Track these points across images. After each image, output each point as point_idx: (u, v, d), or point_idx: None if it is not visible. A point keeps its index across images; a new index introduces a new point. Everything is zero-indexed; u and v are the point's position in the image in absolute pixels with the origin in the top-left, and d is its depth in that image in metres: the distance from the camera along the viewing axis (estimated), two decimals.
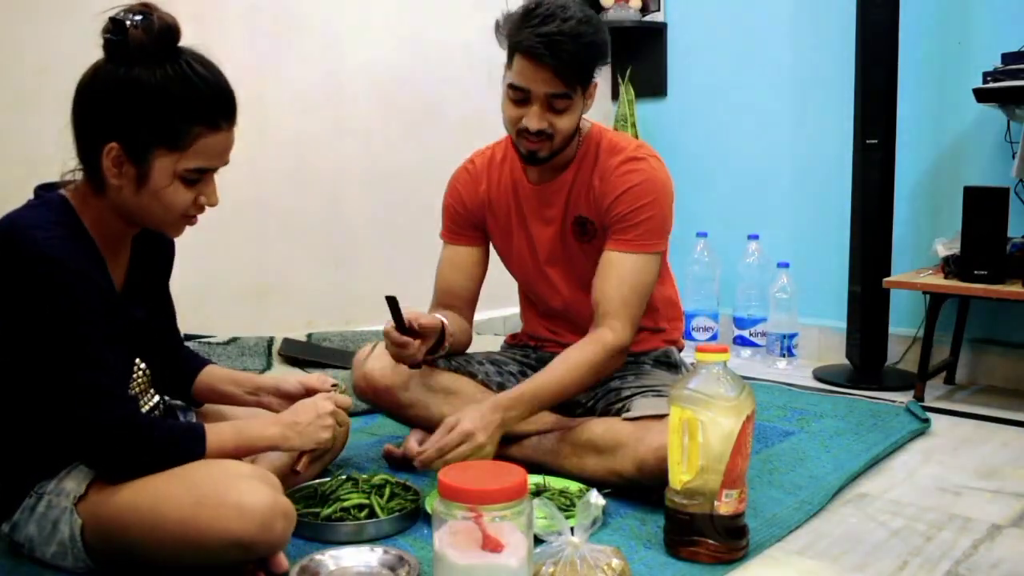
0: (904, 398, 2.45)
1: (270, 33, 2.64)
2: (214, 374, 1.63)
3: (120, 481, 1.28)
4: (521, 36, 1.63)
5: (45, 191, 1.34)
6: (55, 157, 1.33)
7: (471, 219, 1.92)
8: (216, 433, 1.34)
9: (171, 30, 1.26)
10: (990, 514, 1.66)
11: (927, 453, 2.03)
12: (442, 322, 1.77)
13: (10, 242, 1.22)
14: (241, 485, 1.24)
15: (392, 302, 1.64)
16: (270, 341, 2.60)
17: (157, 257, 1.51)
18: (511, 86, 1.68)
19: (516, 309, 2.09)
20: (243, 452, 1.37)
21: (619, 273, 1.72)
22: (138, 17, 1.23)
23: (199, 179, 1.30)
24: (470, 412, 1.60)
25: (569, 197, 1.82)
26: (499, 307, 3.04)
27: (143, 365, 1.46)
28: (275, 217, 2.70)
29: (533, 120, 1.67)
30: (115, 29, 1.23)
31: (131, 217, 1.33)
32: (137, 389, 1.44)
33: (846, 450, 1.98)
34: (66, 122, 1.30)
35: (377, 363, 1.81)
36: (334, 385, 1.60)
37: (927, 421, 2.21)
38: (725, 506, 1.38)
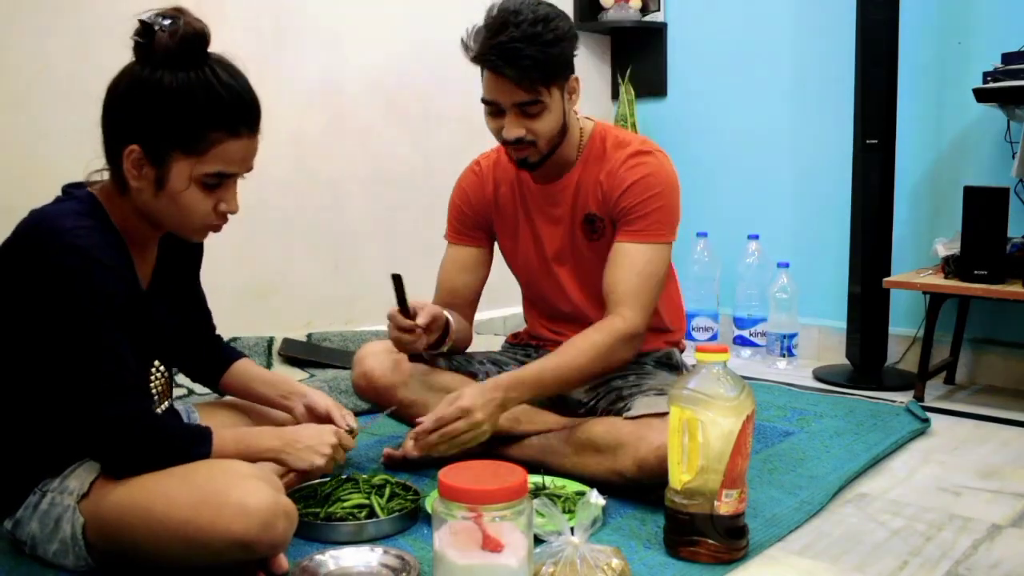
0: (904, 398, 2.45)
1: (270, 33, 2.64)
2: (249, 371, 1.66)
3: (126, 476, 1.28)
4: (479, 50, 1.63)
5: (74, 189, 1.35)
6: (55, 157, 1.33)
7: (478, 220, 1.92)
8: (219, 437, 1.35)
9: (199, 36, 1.27)
10: (990, 514, 1.66)
11: (927, 453, 2.04)
12: (447, 316, 1.77)
13: (39, 233, 1.24)
14: (243, 485, 1.24)
15: (397, 281, 1.63)
16: (270, 341, 2.60)
17: (184, 255, 1.52)
18: (483, 100, 1.69)
19: (516, 309, 2.09)
20: (242, 459, 1.37)
21: (629, 262, 1.71)
22: (166, 21, 1.25)
23: (218, 184, 1.31)
24: (470, 389, 1.59)
25: (577, 195, 1.82)
26: (499, 307, 3.04)
27: (162, 367, 1.46)
28: (275, 217, 2.70)
29: (510, 130, 1.67)
30: (143, 32, 1.25)
31: (152, 220, 1.34)
32: (155, 391, 1.44)
33: (846, 450, 1.98)
34: (66, 122, 1.30)
35: (377, 362, 1.81)
36: (350, 430, 1.58)
37: (927, 421, 2.21)
38: (725, 506, 1.38)
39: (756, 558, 1.44)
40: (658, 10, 3.40)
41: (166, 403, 1.48)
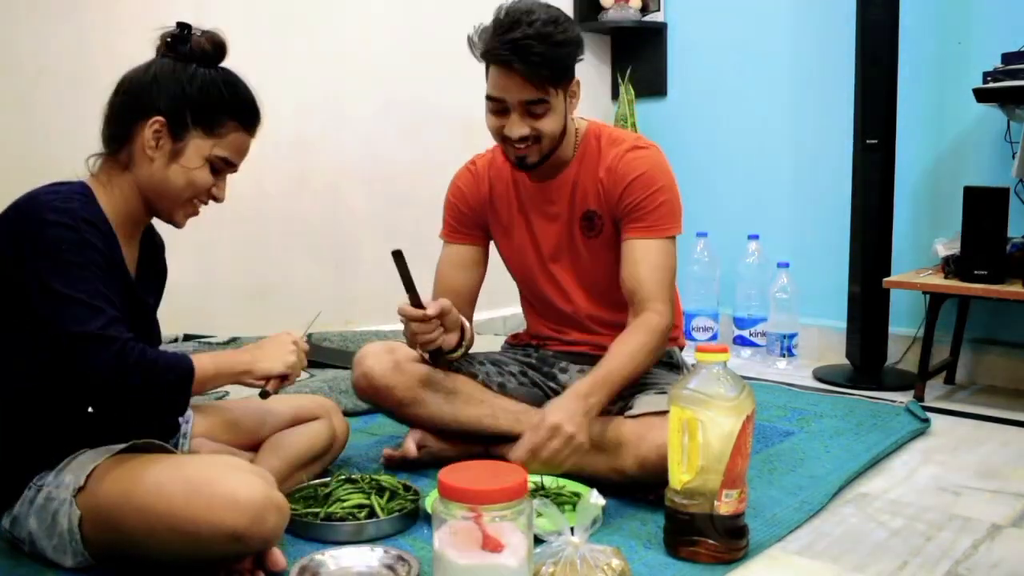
0: (904, 398, 2.45)
1: (270, 33, 2.64)
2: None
3: (112, 400, 1.30)
4: (490, 46, 1.64)
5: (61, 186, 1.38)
6: (56, 157, 1.34)
7: (474, 218, 1.92)
8: (197, 358, 1.36)
9: (224, 47, 1.44)
10: (990, 514, 1.66)
11: (927, 453, 2.04)
12: (460, 317, 1.77)
13: (28, 207, 1.30)
14: (235, 477, 1.25)
15: (398, 258, 1.60)
16: None
17: (158, 271, 1.56)
18: (488, 97, 1.70)
19: (516, 309, 2.09)
20: (223, 378, 1.40)
21: (648, 258, 1.72)
22: (198, 31, 1.43)
23: (220, 170, 1.44)
24: (553, 407, 1.56)
25: (574, 192, 1.82)
26: (499, 307, 3.04)
27: None
28: (275, 217, 2.70)
29: (514, 129, 1.68)
30: (181, 33, 1.41)
31: (152, 191, 1.40)
32: None
33: (846, 450, 1.98)
34: (66, 122, 1.31)
35: (377, 363, 1.81)
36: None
37: (927, 421, 2.21)
38: (725, 506, 1.38)
39: (756, 558, 1.44)
40: (658, 10, 3.40)
41: None
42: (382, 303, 3.04)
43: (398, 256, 1.60)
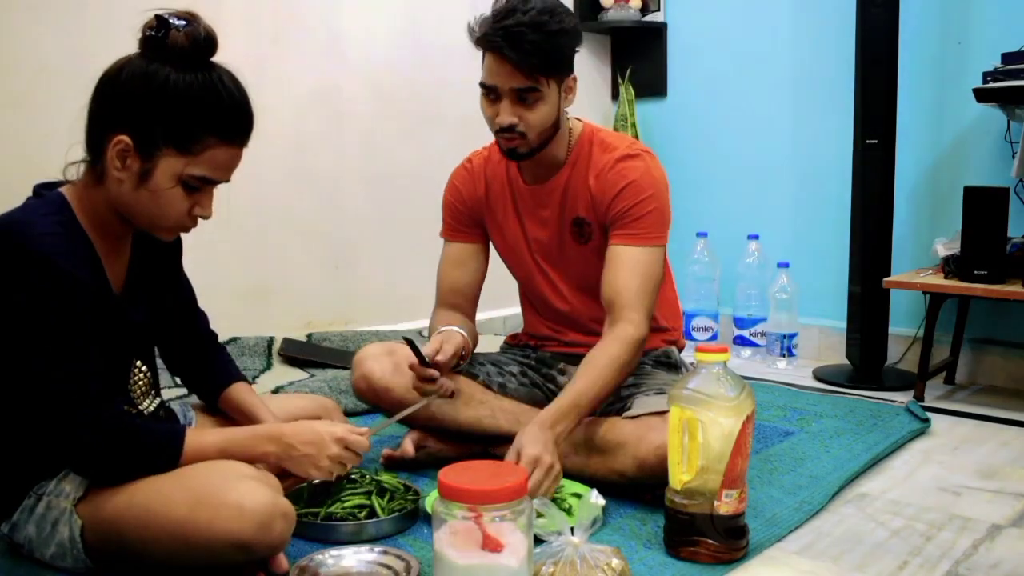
0: (904, 398, 2.45)
1: (270, 33, 2.64)
2: (241, 400, 1.58)
3: (99, 484, 1.27)
4: (483, 32, 1.64)
5: (45, 189, 1.34)
6: (56, 157, 1.33)
7: (471, 216, 1.92)
8: (199, 444, 1.31)
9: (211, 41, 1.27)
10: (990, 514, 1.66)
11: (927, 453, 2.03)
12: (461, 341, 1.76)
13: (3, 240, 1.22)
14: (241, 486, 1.24)
15: (410, 344, 1.65)
16: (270, 341, 2.60)
17: (163, 250, 1.48)
18: (481, 84, 1.69)
19: (516, 309, 2.09)
20: (232, 459, 1.33)
21: (629, 266, 1.71)
22: (182, 22, 1.25)
23: (199, 188, 1.30)
24: (524, 440, 1.50)
25: (565, 199, 1.81)
26: (499, 307, 3.04)
27: (144, 368, 1.45)
28: (275, 217, 2.70)
29: (503, 115, 1.67)
30: (158, 27, 1.25)
31: (124, 213, 1.32)
32: (137, 392, 1.43)
33: (846, 450, 1.98)
34: (66, 123, 1.30)
35: (377, 363, 1.81)
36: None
37: (927, 421, 2.21)
38: (725, 506, 1.38)
39: (756, 558, 1.44)
40: (658, 10, 3.40)
41: (152, 401, 1.47)
42: (382, 303, 3.05)
43: (410, 343, 1.64)
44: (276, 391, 2.25)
